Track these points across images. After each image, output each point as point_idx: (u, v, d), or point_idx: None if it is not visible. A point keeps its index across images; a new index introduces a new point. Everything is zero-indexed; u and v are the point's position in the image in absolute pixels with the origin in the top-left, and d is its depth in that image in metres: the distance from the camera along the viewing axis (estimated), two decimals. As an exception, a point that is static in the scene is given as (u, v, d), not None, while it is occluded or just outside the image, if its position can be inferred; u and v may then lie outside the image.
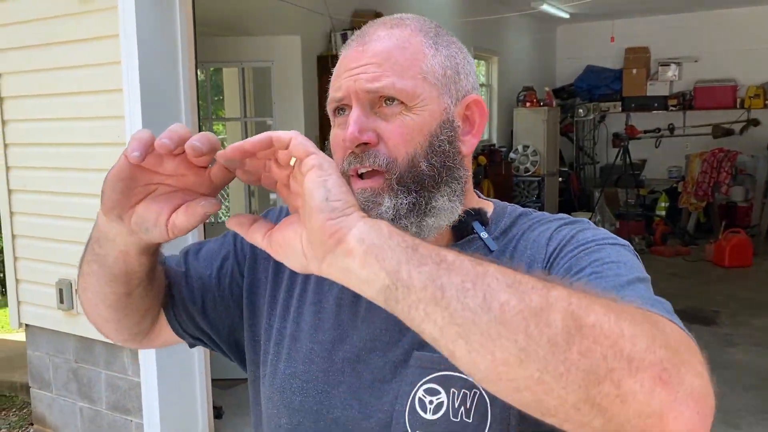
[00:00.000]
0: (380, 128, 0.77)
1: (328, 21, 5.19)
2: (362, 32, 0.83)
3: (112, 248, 0.74)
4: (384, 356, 0.80)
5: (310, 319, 0.85)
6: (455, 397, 0.75)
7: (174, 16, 2.76)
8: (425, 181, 0.77)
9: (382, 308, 0.76)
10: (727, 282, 6.24)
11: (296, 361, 0.84)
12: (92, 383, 3.14)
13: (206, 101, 4.61)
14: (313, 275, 0.84)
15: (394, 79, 0.77)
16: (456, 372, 0.74)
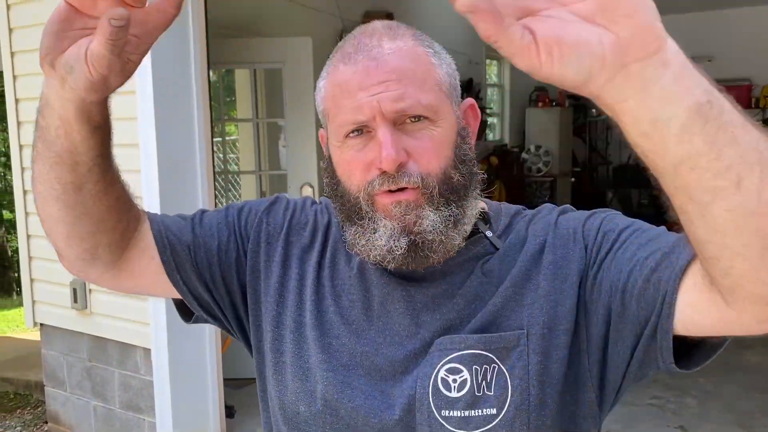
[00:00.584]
0: (409, 146, 0.77)
1: (339, 22, 5.21)
2: (359, 44, 0.79)
3: (51, 115, 0.69)
4: (403, 349, 0.82)
5: (330, 311, 0.86)
6: (478, 373, 0.78)
7: (186, 18, 2.79)
8: (460, 191, 0.80)
9: (398, 306, 0.82)
10: (742, 283, 6.18)
11: (317, 350, 0.84)
12: (105, 382, 3.17)
13: (218, 102, 4.64)
14: (326, 266, 0.88)
15: (419, 96, 0.77)
16: (475, 350, 0.78)
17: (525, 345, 0.79)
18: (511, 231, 0.87)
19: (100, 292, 3.07)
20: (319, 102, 0.85)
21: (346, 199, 0.81)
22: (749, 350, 4.40)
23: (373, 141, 0.78)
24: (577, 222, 0.84)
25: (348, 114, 0.78)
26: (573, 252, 0.81)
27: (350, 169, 0.80)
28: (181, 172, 2.82)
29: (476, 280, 0.83)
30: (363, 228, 0.80)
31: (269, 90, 4.43)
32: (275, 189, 4.65)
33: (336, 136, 0.81)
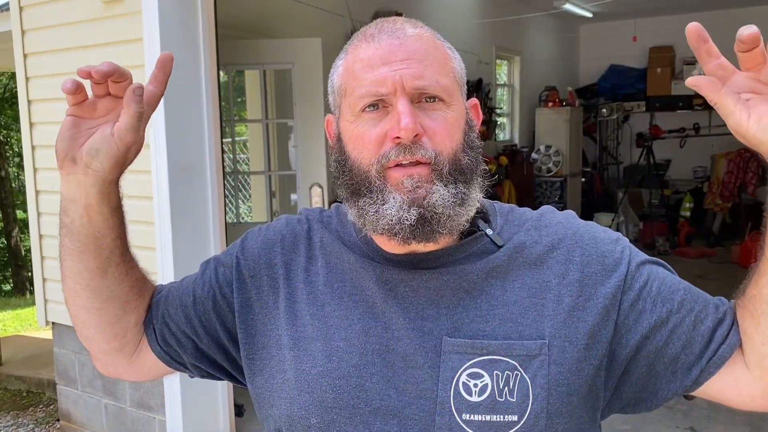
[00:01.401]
0: (425, 123, 0.80)
1: (348, 23, 5.22)
2: (382, 27, 0.83)
3: (75, 209, 0.82)
4: (411, 343, 0.82)
5: (334, 316, 0.86)
6: (499, 379, 0.79)
7: (196, 20, 2.81)
8: (467, 173, 0.82)
9: (402, 302, 0.84)
10: (753, 284, 6.14)
11: (322, 359, 0.84)
12: (116, 381, 3.20)
13: (229, 103, 4.66)
14: (319, 272, 0.88)
15: (437, 77, 0.81)
16: (497, 356, 0.80)
17: (546, 355, 0.80)
18: (513, 230, 0.89)
19: (111, 291, 3.10)
20: (335, 79, 0.86)
21: (355, 173, 0.82)
22: (760, 351, 4.38)
23: (389, 115, 0.80)
24: (616, 251, 0.86)
25: (369, 86, 0.80)
26: (608, 280, 0.84)
27: (363, 143, 0.81)
28: (191, 172, 2.84)
29: (482, 277, 0.84)
30: (372, 200, 0.80)
31: (279, 90, 4.45)
32: (285, 189, 4.67)
33: (351, 110, 0.82)
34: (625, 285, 0.83)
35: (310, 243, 0.92)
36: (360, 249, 0.89)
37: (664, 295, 0.84)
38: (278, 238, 0.94)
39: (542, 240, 0.87)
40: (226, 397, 3.04)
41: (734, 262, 6.89)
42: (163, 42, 2.69)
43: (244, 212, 5.84)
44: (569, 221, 0.90)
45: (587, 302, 0.82)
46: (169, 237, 2.78)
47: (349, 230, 0.91)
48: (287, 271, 0.91)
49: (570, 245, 0.86)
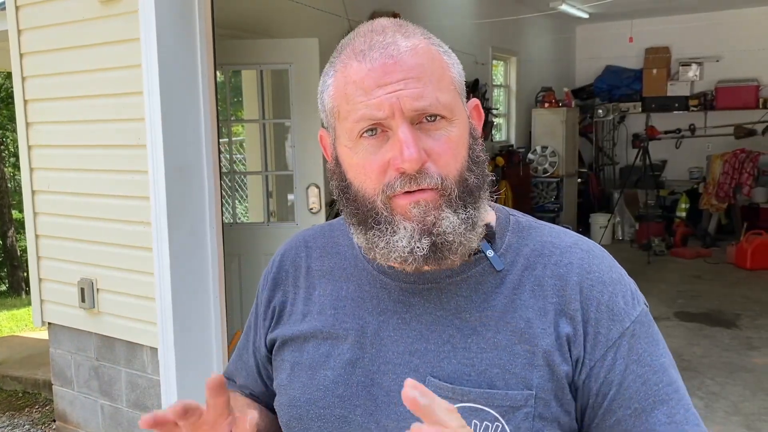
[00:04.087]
0: (428, 146, 0.75)
1: (345, 23, 5.22)
2: (372, 41, 0.77)
3: None
4: (397, 379, 0.80)
5: (320, 348, 0.86)
6: (477, 429, 0.76)
7: (193, 20, 2.80)
8: (475, 193, 0.78)
9: (392, 334, 0.82)
10: (749, 284, 6.17)
11: (311, 388, 0.85)
12: (113, 381, 3.19)
13: (225, 103, 4.66)
14: (328, 311, 0.88)
15: (437, 94, 0.75)
16: (477, 404, 0.76)
17: (533, 407, 0.76)
18: (519, 251, 0.84)
19: (107, 291, 3.10)
20: (326, 100, 0.81)
21: (359, 203, 0.79)
22: (755, 351, 4.39)
23: (390, 141, 0.75)
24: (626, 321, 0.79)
25: (364, 110, 0.75)
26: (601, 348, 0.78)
27: (365, 172, 0.77)
28: (188, 172, 2.84)
29: (475, 316, 0.80)
30: (381, 232, 0.77)
31: (276, 90, 4.44)
32: (282, 189, 4.66)
33: (348, 135, 0.78)
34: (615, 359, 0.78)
35: (297, 276, 0.94)
36: (361, 262, 0.89)
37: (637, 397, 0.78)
38: (282, 277, 0.96)
39: (546, 273, 0.81)
40: (223, 397, 3.03)
41: (730, 262, 6.91)
42: (160, 42, 2.68)
43: (241, 213, 5.83)
44: (590, 257, 0.83)
45: (579, 360, 0.78)
46: (166, 237, 2.77)
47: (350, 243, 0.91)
48: (281, 309, 0.94)
49: (580, 292, 0.79)
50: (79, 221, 3.15)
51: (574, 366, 0.78)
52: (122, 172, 2.95)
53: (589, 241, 0.86)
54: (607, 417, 0.78)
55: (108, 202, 3.02)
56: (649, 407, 0.77)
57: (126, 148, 2.92)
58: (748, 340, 4.61)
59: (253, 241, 3.94)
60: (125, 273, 3.01)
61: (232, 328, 3.51)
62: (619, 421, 0.77)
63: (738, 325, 4.95)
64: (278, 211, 4.67)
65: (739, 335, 4.73)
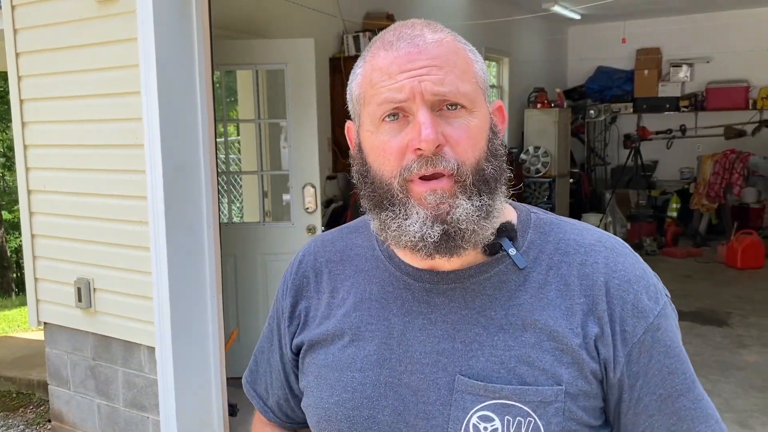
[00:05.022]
0: (446, 132, 0.77)
1: (340, 23, 5.23)
2: (400, 33, 0.80)
3: None
4: (425, 378, 0.81)
5: (346, 350, 0.87)
6: (510, 424, 0.77)
7: (191, 20, 2.81)
8: (491, 183, 0.80)
9: (418, 334, 0.84)
10: (739, 283, 6.23)
11: (339, 389, 0.86)
12: (109, 380, 3.20)
13: (220, 103, 4.66)
14: (341, 309, 0.90)
15: (458, 84, 0.78)
16: (510, 401, 0.78)
17: (563, 402, 0.78)
18: (541, 248, 0.85)
19: (104, 291, 3.10)
20: (353, 87, 0.84)
21: (377, 185, 0.80)
22: (746, 349, 4.44)
23: (410, 126, 0.77)
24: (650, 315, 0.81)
25: (387, 94, 0.78)
26: (628, 343, 0.80)
27: (384, 154, 0.79)
28: (185, 172, 2.84)
29: (501, 314, 0.81)
30: (394, 214, 0.79)
31: (271, 90, 4.45)
32: (277, 189, 4.67)
33: (371, 119, 0.80)
34: (640, 353, 0.81)
35: (319, 279, 0.94)
36: (383, 263, 0.90)
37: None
38: (303, 282, 0.96)
39: (573, 273, 0.82)
40: (220, 396, 3.04)
41: (720, 262, 6.97)
42: (157, 42, 2.69)
43: (235, 213, 5.83)
44: (614, 255, 0.84)
45: (609, 358, 0.80)
46: (164, 237, 2.78)
47: (378, 241, 0.92)
48: (316, 305, 0.94)
49: (605, 292, 0.81)
50: (76, 221, 3.15)
51: (604, 365, 0.80)
52: (119, 171, 2.96)
53: (611, 237, 0.87)
54: (637, 404, 0.82)
55: (105, 201, 3.02)
56: (675, 394, 0.81)
57: (123, 148, 2.92)
58: (739, 338, 4.66)
59: (248, 240, 3.94)
60: (122, 272, 3.02)
61: (228, 328, 3.52)
62: (647, 406, 0.81)
63: (729, 324, 4.99)
64: (273, 211, 4.68)
65: (730, 333, 4.78)
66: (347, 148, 0.82)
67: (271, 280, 3.95)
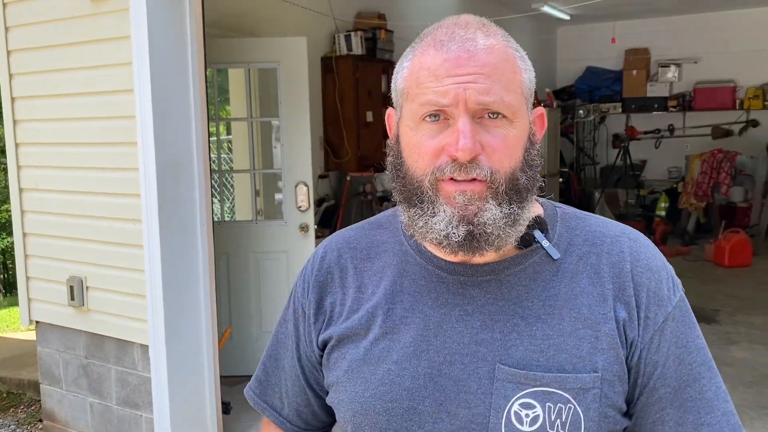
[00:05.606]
0: (484, 140, 0.78)
1: (332, 22, 5.24)
2: (453, 33, 0.81)
3: None
4: (464, 368, 0.83)
5: (380, 343, 0.87)
6: (551, 411, 0.79)
7: (184, 18, 2.81)
8: (522, 193, 0.81)
9: (455, 325, 0.84)
10: (727, 281, 6.29)
11: (374, 382, 0.86)
12: (102, 379, 3.19)
13: (213, 102, 4.66)
14: (382, 307, 0.89)
15: (503, 94, 0.78)
16: (551, 388, 0.80)
17: (599, 388, 0.80)
18: (569, 239, 0.88)
19: (97, 289, 3.09)
20: (399, 81, 0.85)
21: (408, 181, 0.82)
22: (735, 346, 4.49)
23: (449, 129, 0.79)
24: (672, 301, 0.85)
25: (431, 96, 0.79)
26: (653, 328, 0.84)
27: (420, 152, 0.80)
28: (178, 170, 2.85)
29: (538, 305, 0.83)
30: (422, 210, 0.81)
31: (263, 89, 4.46)
32: (269, 188, 4.68)
33: (412, 116, 0.81)
34: (661, 339, 0.84)
35: (357, 271, 0.93)
36: (413, 257, 0.90)
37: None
38: (327, 279, 0.95)
39: (602, 261, 0.85)
40: (214, 394, 3.05)
41: (708, 260, 7.04)
42: (151, 40, 2.69)
43: (227, 211, 5.83)
44: (638, 245, 0.87)
45: (633, 342, 0.83)
46: (157, 234, 2.78)
47: (405, 236, 0.92)
48: (341, 301, 0.93)
49: (632, 278, 0.84)
50: (69, 219, 3.14)
51: (629, 348, 0.83)
52: (112, 169, 2.96)
53: (633, 230, 0.91)
54: (651, 394, 0.84)
55: (98, 199, 3.02)
56: (683, 384, 0.84)
57: (116, 146, 2.92)
58: (727, 335, 4.71)
59: (241, 239, 3.95)
60: (115, 270, 3.01)
61: (221, 326, 3.53)
62: (660, 398, 0.84)
63: (717, 321, 5.05)
64: (265, 210, 4.68)
65: (718, 330, 4.83)
66: (339, 148, 0.83)
67: (263, 279, 3.95)
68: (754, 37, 8.39)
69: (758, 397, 3.69)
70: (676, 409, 0.84)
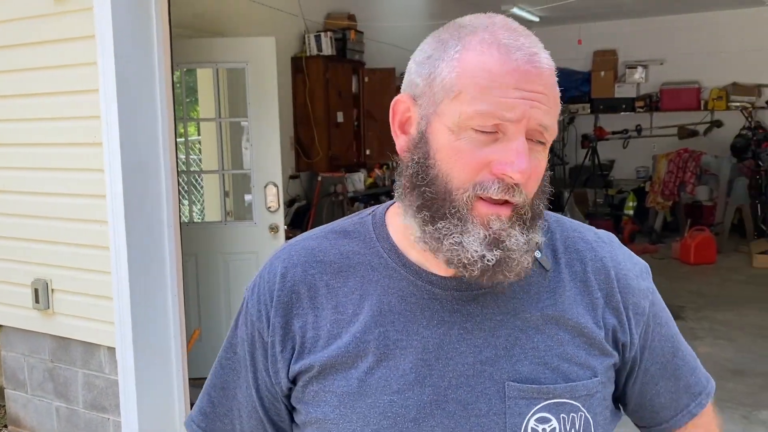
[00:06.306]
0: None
1: (301, 22, 5.24)
2: (517, 42, 0.74)
3: None
4: (472, 390, 0.78)
5: (375, 372, 0.79)
6: (566, 422, 0.79)
7: (150, 17, 2.79)
8: (537, 219, 0.78)
9: (457, 346, 0.79)
10: (692, 278, 6.42)
11: (375, 416, 0.78)
12: (68, 382, 3.15)
13: (180, 102, 4.63)
14: (371, 331, 0.80)
15: (554, 120, 0.76)
16: (563, 399, 0.79)
17: (601, 392, 0.82)
18: (553, 247, 0.86)
19: (62, 291, 3.06)
20: (444, 72, 0.75)
21: (438, 189, 0.75)
22: (699, 341, 4.59)
23: (500, 144, 0.73)
24: (647, 290, 0.89)
25: (496, 107, 0.71)
26: (637, 321, 0.87)
27: (462, 162, 0.73)
28: (144, 171, 2.82)
29: (536, 315, 0.81)
30: (453, 226, 0.74)
31: (232, 90, 4.44)
32: (239, 188, 4.66)
33: (459, 119, 0.73)
34: (646, 330, 0.88)
35: (330, 289, 0.83)
36: (397, 272, 0.82)
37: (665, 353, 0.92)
38: (292, 299, 0.84)
39: (587, 269, 0.85)
40: (182, 396, 3.03)
41: (675, 257, 7.17)
42: (116, 39, 2.67)
43: (197, 211, 5.79)
44: (613, 248, 0.89)
45: (626, 343, 0.86)
46: (123, 236, 2.76)
47: (383, 247, 0.84)
48: (314, 325, 0.83)
49: (617, 284, 0.86)
50: (32, 221, 3.10)
51: (622, 350, 0.86)
52: (77, 170, 2.92)
53: (604, 232, 0.93)
54: (645, 374, 0.90)
55: (63, 201, 2.98)
56: (669, 357, 0.91)
57: (81, 147, 2.89)
58: (692, 331, 4.80)
59: (209, 240, 3.93)
60: (81, 273, 2.98)
61: (190, 327, 3.51)
62: (653, 375, 0.90)
63: (683, 317, 5.15)
64: (236, 211, 4.66)
65: (683, 326, 4.93)
66: (310, 148, 0.80)
67: (233, 280, 3.94)
68: (718, 40, 8.57)
69: (721, 392, 3.75)
70: (668, 380, 0.90)
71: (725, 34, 8.55)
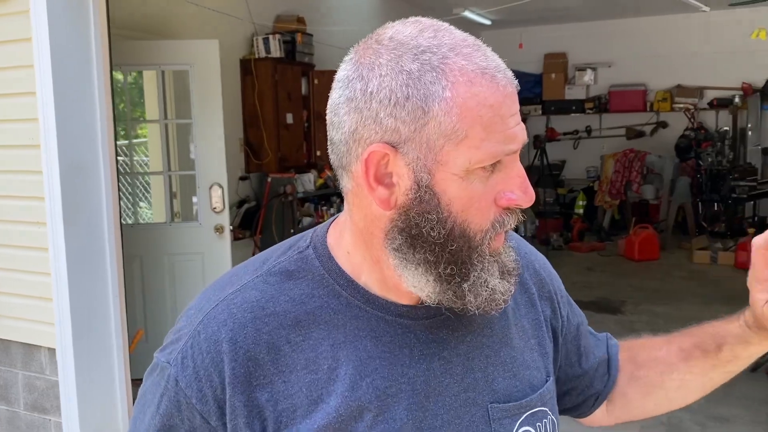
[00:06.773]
0: None
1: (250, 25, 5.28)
2: (489, 61, 0.67)
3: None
4: (461, 421, 0.75)
5: (375, 427, 0.71)
6: (541, 429, 0.79)
7: (88, 19, 2.82)
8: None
9: (442, 379, 0.74)
10: (635, 274, 6.63)
11: None
12: (9, 384, 3.15)
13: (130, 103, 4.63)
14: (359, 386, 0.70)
15: None
16: (536, 407, 0.79)
17: (554, 390, 0.84)
18: None
19: (2, 293, 3.05)
20: (439, 115, 0.64)
21: (461, 241, 0.68)
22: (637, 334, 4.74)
23: (500, 174, 0.67)
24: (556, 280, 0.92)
25: (502, 143, 0.65)
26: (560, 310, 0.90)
27: (480, 206, 0.67)
28: (83, 172, 2.84)
29: (498, 326, 0.81)
30: (480, 271, 0.69)
31: (178, 91, 4.46)
32: (185, 190, 4.67)
33: (468, 163, 0.65)
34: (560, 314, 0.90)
35: (294, 347, 0.71)
36: (360, 309, 0.73)
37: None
38: (250, 368, 0.70)
39: (527, 270, 0.87)
40: (125, 395, 3.05)
41: (620, 254, 7.39)
42: (52, 42, 2.69)
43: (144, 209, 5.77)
44: (523, 242, 0.91)
45: (558, 326, 0.89)
46: (62, 237, 2.77)
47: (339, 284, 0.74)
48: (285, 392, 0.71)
49: (543, 274, 0.89)
50: (-29, 223, 3.08)
51: (554, 334, 0.88)
52: (15, 172, 2.93)
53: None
54: (573, 343, 0.92)
55: (1, 203, 2.98)
56: (576, 318, 0.93)
57: (19, 149, 2.90)
58: (630, 324, 4.98)
59: (154, 241, 3.95)
60: (20, 274, 2.98)
61: (133, 328, 3.52)
62: (574, 338, 0.92)
63: (623, 311, 5.33)
64: (183, 212, 4.68)
65: (623, 320, 5.11)
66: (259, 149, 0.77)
67: (178, 281, 3.96)
68: (662, 43, 8.84)
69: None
70: (584, 337, 0.93)
71: (669, 37, 8.82)
